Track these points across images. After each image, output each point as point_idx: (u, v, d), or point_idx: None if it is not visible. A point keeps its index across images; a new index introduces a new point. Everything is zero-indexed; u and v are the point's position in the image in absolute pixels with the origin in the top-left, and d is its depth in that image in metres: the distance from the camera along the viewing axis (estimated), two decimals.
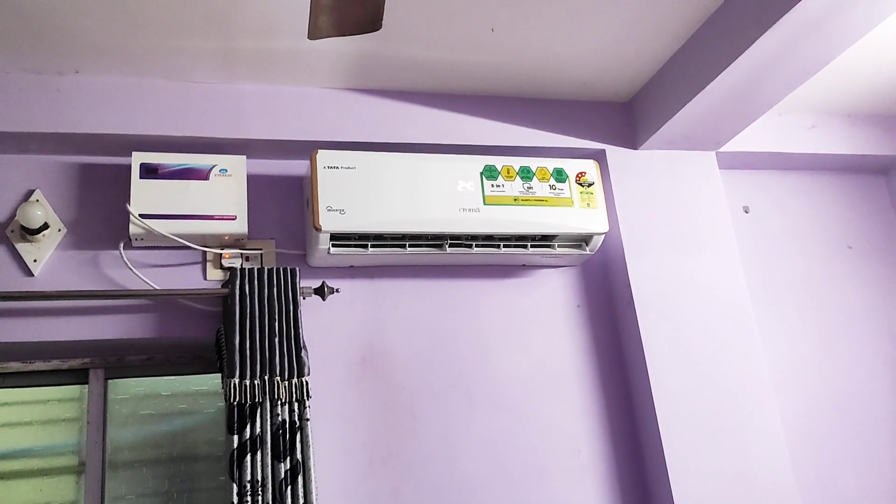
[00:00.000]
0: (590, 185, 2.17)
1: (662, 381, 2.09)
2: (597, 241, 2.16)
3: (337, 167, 2.01)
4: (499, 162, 2.14)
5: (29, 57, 1.92)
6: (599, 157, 2.31)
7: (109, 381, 2.01)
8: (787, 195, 2.48)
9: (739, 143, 2.36)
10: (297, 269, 1.96)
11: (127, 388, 2.05)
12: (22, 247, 1.90)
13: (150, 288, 1.94)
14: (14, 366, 1.92)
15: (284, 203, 2.14)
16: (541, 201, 2.12)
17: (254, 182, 2.08)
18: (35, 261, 1.90)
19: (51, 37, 1.86)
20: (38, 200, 1.95)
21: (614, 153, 2.31)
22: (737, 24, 1.89)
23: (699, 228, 2.28)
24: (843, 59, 2.14)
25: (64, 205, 1.98)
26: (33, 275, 1.90)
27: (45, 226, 1.91)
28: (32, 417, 1.96)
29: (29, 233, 1.89)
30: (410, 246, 2.05)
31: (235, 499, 1.73)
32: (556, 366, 2.18)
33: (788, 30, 1.79)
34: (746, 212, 2.43)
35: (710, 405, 2.08)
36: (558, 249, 2.15)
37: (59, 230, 1.95)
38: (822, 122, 2.43)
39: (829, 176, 2.52)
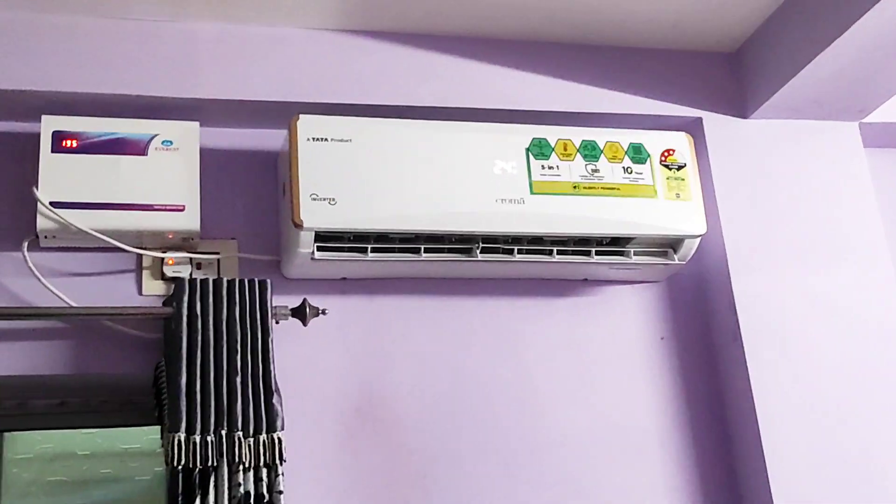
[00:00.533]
0: (680, 167, 2.19)
1: (780, 449, 2.10)
2: (689, 247, 2.18)
3: (325, 139, 2.04)
4: (552, 134, 2.15)
5: None
6: (694, 128, 2.33)
7: (6, 433, 2.06)
8: None
9: (893, 111, 2.39)
10: (269, 281, 1.99)
11: (30, 445, 2.10)
12: None
13: (64, 305, 1.97)
14: None
15: (251, 189, 2.19)
16: (611, 190, 2.14)
17: (209, 159, 2.12)
18: None
19: None
20: None
21: (715, 123, 2.34)
22: None
23: (836, 230, 2.32)
24: None
25: None
26: None
27: None
28: None
29: None
30: (427, 251, 2.06)
31: None
32: (629, 423, 2.22)
33: None
34: None
35: (849, 490, 2.10)
36: (635, 258, 2.17)
37: None
38: None
39: None
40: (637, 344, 2.27)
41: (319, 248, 2.00)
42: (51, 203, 1.92)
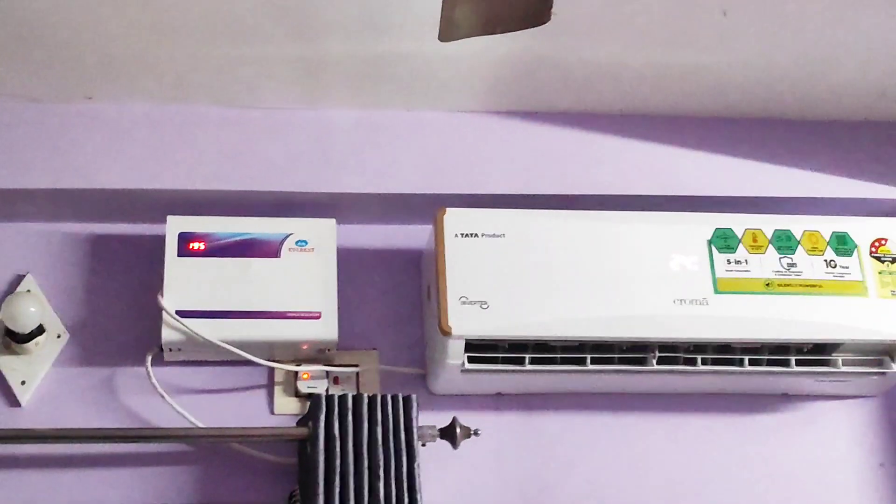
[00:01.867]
0: (895, 260, 2.20)
1: None
2: None
3: (476, 234, 2.12)
4: (738, 223, 2.19)
5: (17, 81, 2.16)
6: None
7: None
8: None
9: None
10: (414, 397, 2.05)
11: None
12: (5, 361, 2.09)
13: (190, 426, 2.06)
14: None
15: (393, 293, 2.28)
16: (811, 287, 2.15)
17: (347, 260, 2.21)
18: (23, 382, 2.08)
19: (47, 53, 2.08)
20: (29, 290, 2.14)
21: None
22: None
23: None
24: None
25: (66, 298, 2.18)
26: (20, 404, 2.08)
27: (40, 329, 2.08)
28: None
29: (16, 340, 2.07)
30: (594, 361, 2.09)
31: None
32: None
33: None
34: None
35: None
36: (843, 367, 2.16)
37: (59, 336, 2.13)
38: None
39: None
40: (850, 472, 2.26)
41: (470, 359, 2.06)
42: (177, 312, 2.03)
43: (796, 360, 2.14)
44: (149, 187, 2.17)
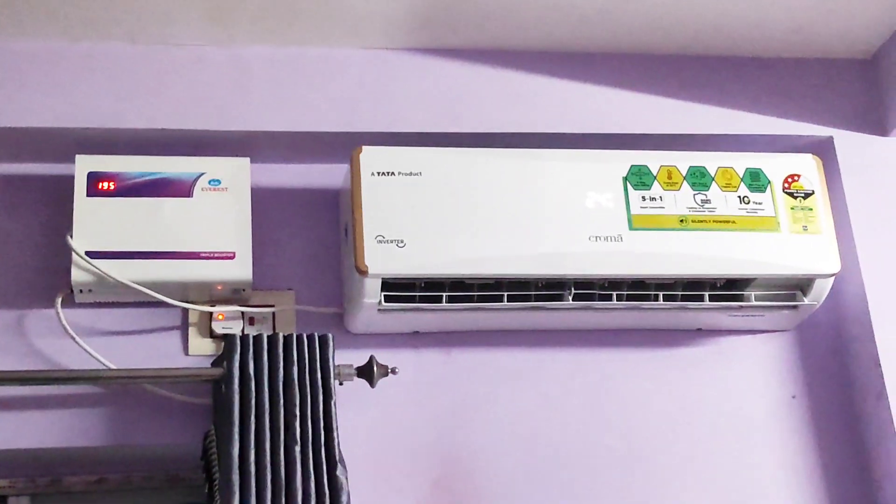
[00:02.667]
0: (807, 195, 2.26)
1: None
2: (821, 289, 2.24)
3: (392, 173, 2.15)
4: (654, 161, 2.24)
5: None
6: (823, 149, 2.40)
7: None
8: None
9: None
10: (331, 336, 2.08)
11: None
12: None
13: (102, 367, 2.07)
14: None
15: (309, 232, 2.31)
16: (725, 223, 2.21)
17: (262, 199, 2.24)
18: None
19: None
20: None
21: (848, 143, 2.41)
22: None
23: None
24: None
25: None
26: None
27: None
28: None
29: None
30: (511, 298, 2.13)
31: None
32: (757, 497, 2.28)
33: None
34: None
35: None
36: (756, 302, 2.22)
37: None
38: None
39: None
40: (763, 404, 2.32)
41: (387, 298, 2.09)
42: (86, 253, 2.04)
43: (710, 295, 2.21)
44: (57, 126, 2.17)
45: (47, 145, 2.20)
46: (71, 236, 2.05)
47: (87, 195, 2.11)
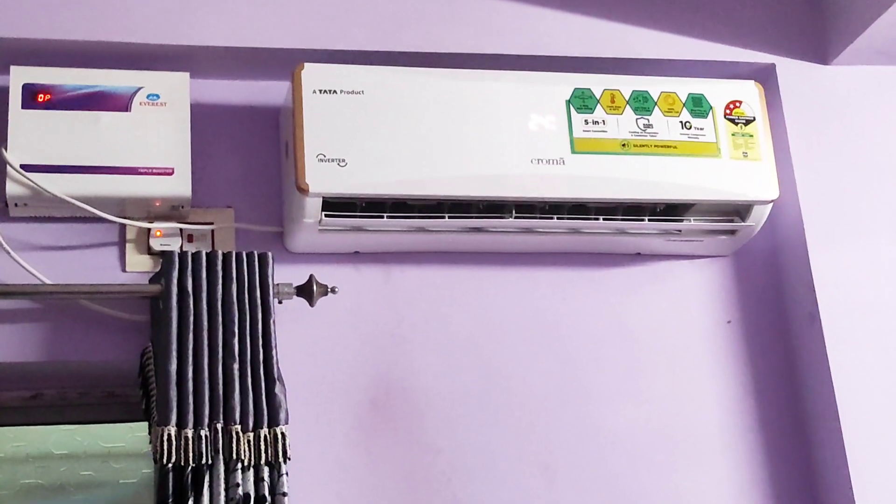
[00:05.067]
0: (748, 122, 2.31)
1: (863, 446, 2.23)
2: (759, 215, 2.30)
3: (334, 91, 2.17)
4: (597, 84, 2.28)
5: None
6: (765, 76, 2.46)
7: None
8: None
9: None
10: (270, 254, 2.11)
11: (0, 444, 2.21)
12: None
13: (37, 282, 2.09)
14: None
15: (249, 150, 2.33)
16: (666, 148, 2.26)
17: (201, 115, 2.25)
18: None
19: None
20: None
21: (789, 70, 2.47)
22: None
23: None
24: None
25: None
26: None
27: None
28: None
29: None
30: (451, 217, 2.18)
31: None
32: (691, 418, 2.35)
33: None
34: None
35: None
36: (695, 224, 2.28)
37: None
38: None
39: None
40: (698, 328, 2.39)
41: (328, 216, 2.13)
42: (21, 166, 2.05)
43: (649, 219, 2.28)
44: None
45: None
46: (5, 149, 2.06)
47: (23, 107, 2.12)
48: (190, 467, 1.95)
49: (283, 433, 1.99)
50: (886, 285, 2.35)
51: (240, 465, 1.96)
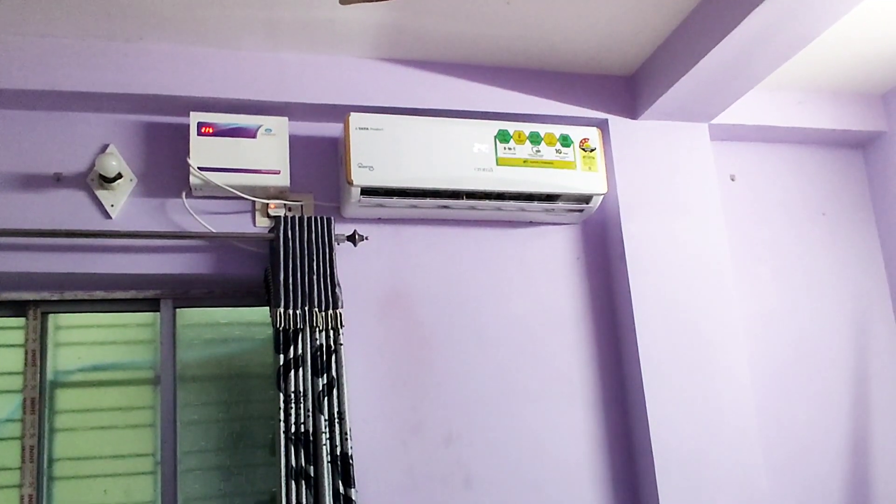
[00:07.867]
0: (592, 150, 2.74)
1: (647, 325, 2.76)
2: (596, 202, 2.76)
3: (367, 128, 2.52)
4: (511, 127, 2.70)
5: (100, 26, 2.47)
6: (602, 125, 2.88)
7: (178, 309, 2.66)
8: (771, 166, 3.11)
9: (730, 115, 2.98)
10: (332, 218, 2.54)
11: (192, 316, 2.63)
12: (101, 193, 2.59)
13: (209, 231, 2.59)
14: (99, 294, 2.68)
15: (321, 160, 2.70)
16: (547, 164, 2.66)
17: (295, 141, 2.68)
18: (112, 205, 2.57)
19: (119, 7, 2.37)
20: (112, 153, 2.59)
21: (616, 122, 2.86)
22: (730, 1, 2.34)
23: (688, 194, 2.87)
24: (830, 39, 2.61)
25: (134, 158, 2.64)
26: (111, 217, 2.57)
27: (119, 175, 2.56)
28: (115, 338, 2.62)
29: (106, 181, 2.55)
30: (432, 199, 2.58)
31: (282, 405, 2.42)
32: (556, 309, 2.79)
33: (775, 8, 2.20)
34: (733, 180, 3.08)
35: (687, 348, 2.75)
36: (561, 204, 2.71)
37: (131, 180, 2.63)
38: (808, 98, 3.04)
39: (811, 149, 3.16)
40: (562, 262, 2.83)
41: (363, 197, 2.52)
42: (199, 167, 2.50)
43: (537, 202, 2.71)
44: (181, 94, 2.50)
45: (175, 105, 2.53)
46: (189, 158, 2.44)
47: (198, 135, 2.48)
48: (291, 330, 2.35)
49: (340, 313, 2.43)
50: (661, 242, 2.68)
51: (317, 329, 2.39)
